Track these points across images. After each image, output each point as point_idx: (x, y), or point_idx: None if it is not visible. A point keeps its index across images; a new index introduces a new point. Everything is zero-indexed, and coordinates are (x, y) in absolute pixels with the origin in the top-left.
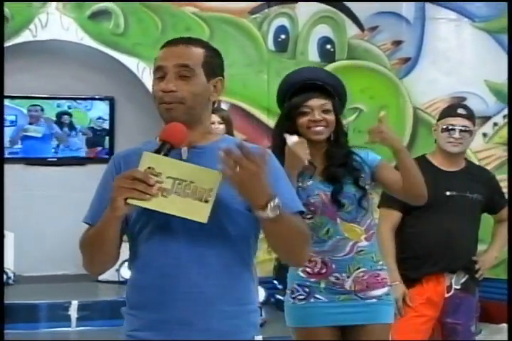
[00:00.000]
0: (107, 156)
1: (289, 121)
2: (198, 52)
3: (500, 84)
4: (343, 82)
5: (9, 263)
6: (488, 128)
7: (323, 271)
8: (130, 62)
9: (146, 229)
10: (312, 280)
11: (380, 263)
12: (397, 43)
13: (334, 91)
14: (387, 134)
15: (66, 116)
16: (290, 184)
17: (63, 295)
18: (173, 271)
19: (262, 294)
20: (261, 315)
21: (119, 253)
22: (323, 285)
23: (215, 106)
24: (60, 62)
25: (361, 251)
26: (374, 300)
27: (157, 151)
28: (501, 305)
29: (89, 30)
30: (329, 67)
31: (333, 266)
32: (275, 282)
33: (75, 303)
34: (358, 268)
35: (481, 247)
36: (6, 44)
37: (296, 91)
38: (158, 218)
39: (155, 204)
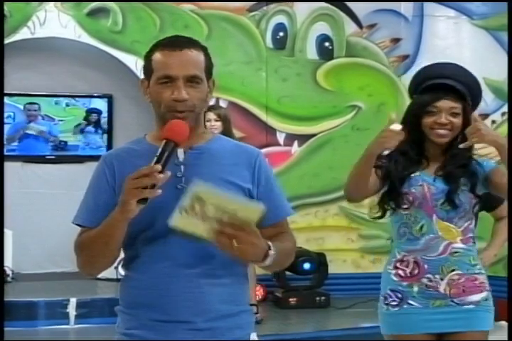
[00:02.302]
0: None
1: (415, 118)
2: (200, 56)
3: (498, 81)
4: (479, 83)
5: (8, 261)
6: None
7: (416, 271)
8: (128, 59)
9: (148, 231)
10: (404, 284)
11: (478, 267)
12: (396, 41)
13: (468, 93)
14: (486, 131)
15: (94, 114)
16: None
17: (62, 293)
18: (174, 271)
19: (260, 292)
20: (257, 312)
21: (120, 253)
22: (416, 288)
23: (212, 104)
24: (59, 60)
25: (456, 252)
26: (472, 306)
27: (162, 151)
28: (500, 302)
29: (87, 28)
30: (328, 65)
31: (426, 266)
32: (273, 280)
33: (73, 301)
34: (453, 271)
35: (480, 245)
36: (5, 41)
37: (428, 86)
38: (162, 221)
39: (194, 228)
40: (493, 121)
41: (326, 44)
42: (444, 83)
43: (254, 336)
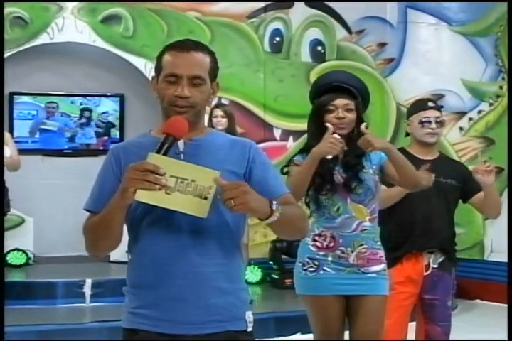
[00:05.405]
0: None
1: (318, 117)
2: (206, 59)
3: (474, 82)
4: (366, 85)
5: (30, 245)
6: (464, 122)
7: (331, 244)
8: (138, 62)
9: (149, 215)
10: (321, 253)
11: (379, 243)
12: (382, 45)
13: (358, 93)
14: (375, 140)
15: (87, 112)
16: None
17: (78, 274)
18: (173, 252)
19: (258, 274)
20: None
21: (122, 237)
22: (330, 258)
23: (218, 102)
24: (75, 63)
25: (365, 230)
26: (374, 275)
27: (162, 143)
28: (475, 283)
29: (101, 33)
30: (320, 67)
31: (340, 240)
32: (271, 263)
33: (88, 282)
34: (361, 245)
35: (458, 231)
36: (26, 46)
37: (325, 91)
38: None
39: (160, 200)
40: (470, 118)
41: (319, 48)
42: (337, 85)
43: (249, 314)
